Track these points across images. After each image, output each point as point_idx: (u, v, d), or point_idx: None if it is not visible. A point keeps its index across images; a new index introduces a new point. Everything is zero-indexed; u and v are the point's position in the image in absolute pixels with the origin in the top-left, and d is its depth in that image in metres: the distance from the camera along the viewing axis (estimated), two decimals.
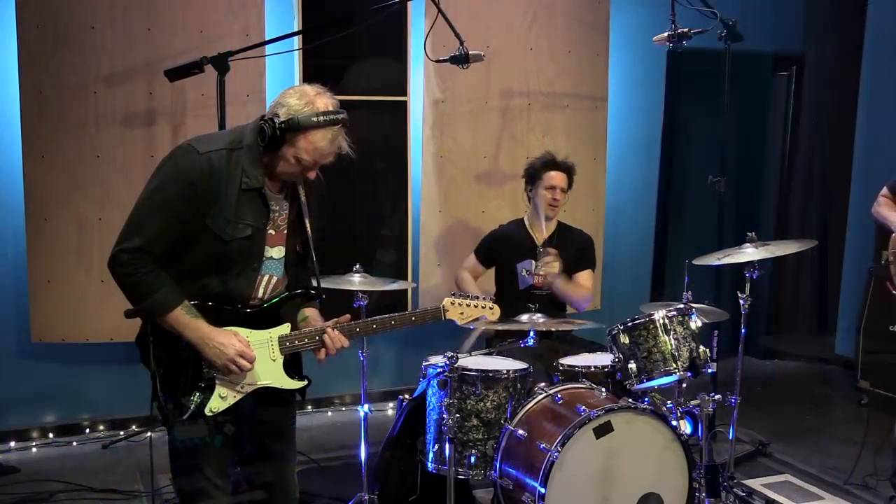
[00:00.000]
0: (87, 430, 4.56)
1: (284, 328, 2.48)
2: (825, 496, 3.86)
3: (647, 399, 3.35)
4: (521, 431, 3.09)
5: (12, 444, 4.39)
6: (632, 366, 3.26)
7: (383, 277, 3.72)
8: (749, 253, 3.64)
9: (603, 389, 3.25)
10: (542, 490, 2.89)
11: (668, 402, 3.35)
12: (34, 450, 4.39)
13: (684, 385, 3.28)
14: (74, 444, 4.46)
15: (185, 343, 2.34)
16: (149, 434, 4.49)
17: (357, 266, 3.46)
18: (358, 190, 4.70)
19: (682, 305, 3.34)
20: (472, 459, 3.19)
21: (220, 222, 2.33)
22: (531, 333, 3.39)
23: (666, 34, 4.03)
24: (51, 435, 4.49)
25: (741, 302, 3.70)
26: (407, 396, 3.81)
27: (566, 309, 4.20)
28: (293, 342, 2.48)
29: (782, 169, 6.20)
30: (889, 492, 3.68)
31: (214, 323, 2.37)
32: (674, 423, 3.12)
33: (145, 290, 2.30)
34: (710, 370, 3.36)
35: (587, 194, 5.10)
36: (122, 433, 4.55)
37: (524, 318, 3.46)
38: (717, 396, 3.04)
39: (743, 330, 3.79)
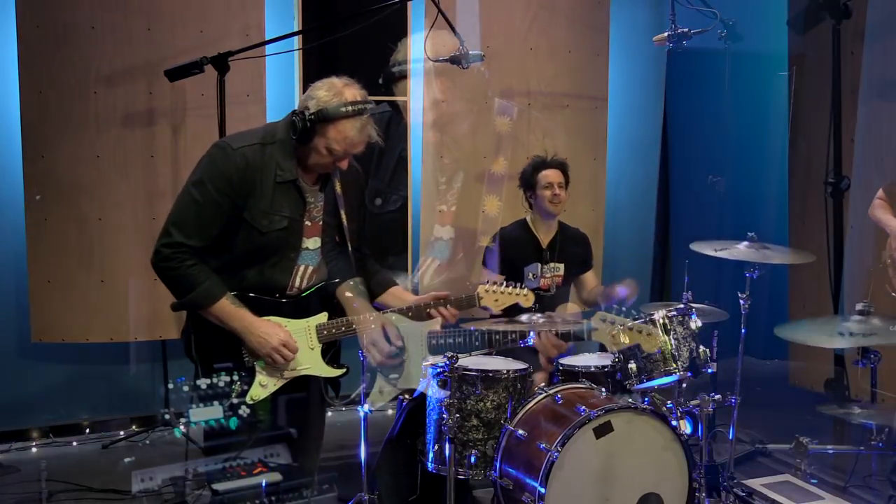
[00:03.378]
0: (87, 430, 4.56)
1: (322, 317, 2.55)
2: (825, 496, 3.86)
3: (647, 399, 3.35)
4: (521, 431, 3.08)
5: (12, 444, 4.39)
6: (632, 366, 3.26)
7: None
8: (743, 251, 3.64)
9: (603, 389, 3.25)
10: (542, 490, 2.89)
11: (668, 402, 3.34)
12: (34, 450, 4.39)
13: (684, 385, 3.28)
14: (74, 444, 4.47)
15: (228, 333, 2.40)
16: (148, 434, 4.51)
17: None
18: None
19: (682, 305, 3.33)
20: (472, 459, 3.19)
21: (257, 215, 2.41)
22: (531, 333, 3.39)
23: (666, 34, 4.04)
24: (51, 435, 4.50)
25: (741, 302, 3.71)
26: (407, 396, 3.81)
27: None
28: (330, 330, 2.54)
29: (782, 169, 6.20)
30: (888, 491, 3.68)
31: (253, 313, 2.44)
32: (674, 423, 3.11)
33: (189, 283, 2.38)
34: (710, 370, 3.36)
35: (587, 194, 5.10)
36: (122, 433, 4.55)
37: (524, 318, 3.45)
38: (717, 396, 3.04)
39: (743, 330, 3.79)
